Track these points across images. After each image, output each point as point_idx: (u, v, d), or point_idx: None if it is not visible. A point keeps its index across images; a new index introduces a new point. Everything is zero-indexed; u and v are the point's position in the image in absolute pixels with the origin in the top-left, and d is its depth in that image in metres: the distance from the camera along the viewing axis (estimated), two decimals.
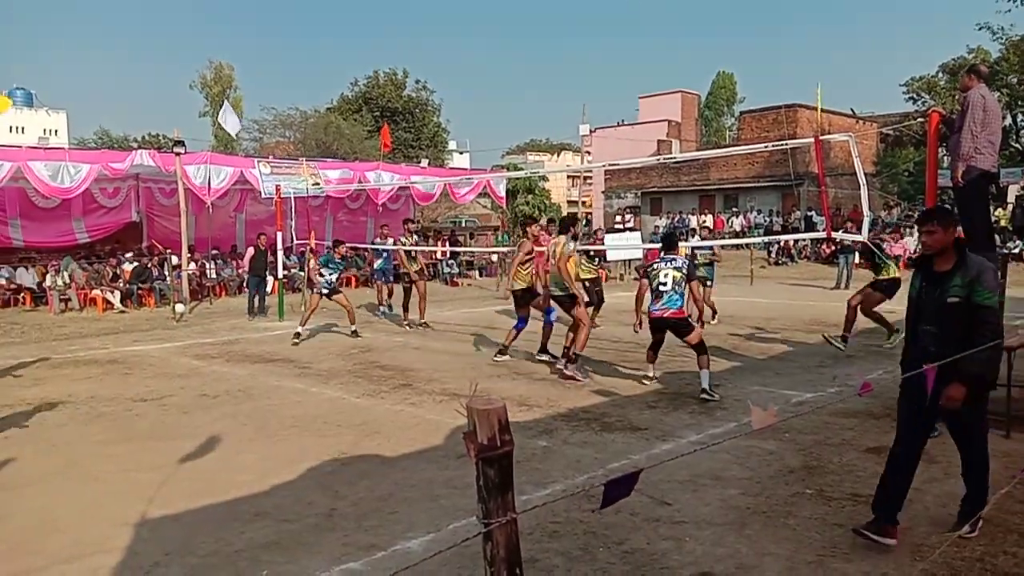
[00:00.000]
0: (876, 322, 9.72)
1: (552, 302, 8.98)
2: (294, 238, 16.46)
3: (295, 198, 15.64)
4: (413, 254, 13.31)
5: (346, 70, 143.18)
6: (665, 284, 7.42)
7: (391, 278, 15.60)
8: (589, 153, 44.76)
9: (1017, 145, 29.36)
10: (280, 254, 15.47)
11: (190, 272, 17.08)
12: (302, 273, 19.01)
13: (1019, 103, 27.56)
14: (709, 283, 14.76)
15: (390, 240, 14.80)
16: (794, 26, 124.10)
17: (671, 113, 44.04)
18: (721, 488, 4.84)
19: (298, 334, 11.46)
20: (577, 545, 3.98)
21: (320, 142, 31.70)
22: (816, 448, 5.62)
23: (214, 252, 19.47)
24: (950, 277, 3.89)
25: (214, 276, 19.06)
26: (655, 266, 7.63)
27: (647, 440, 5.93)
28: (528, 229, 9.87)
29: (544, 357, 9.33)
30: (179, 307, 15.09)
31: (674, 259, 7.57)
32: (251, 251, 15.69)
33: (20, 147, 17.51)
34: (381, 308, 15.30)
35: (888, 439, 5.73)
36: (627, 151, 39.07)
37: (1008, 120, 29.07)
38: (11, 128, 78.51)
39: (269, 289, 16.93)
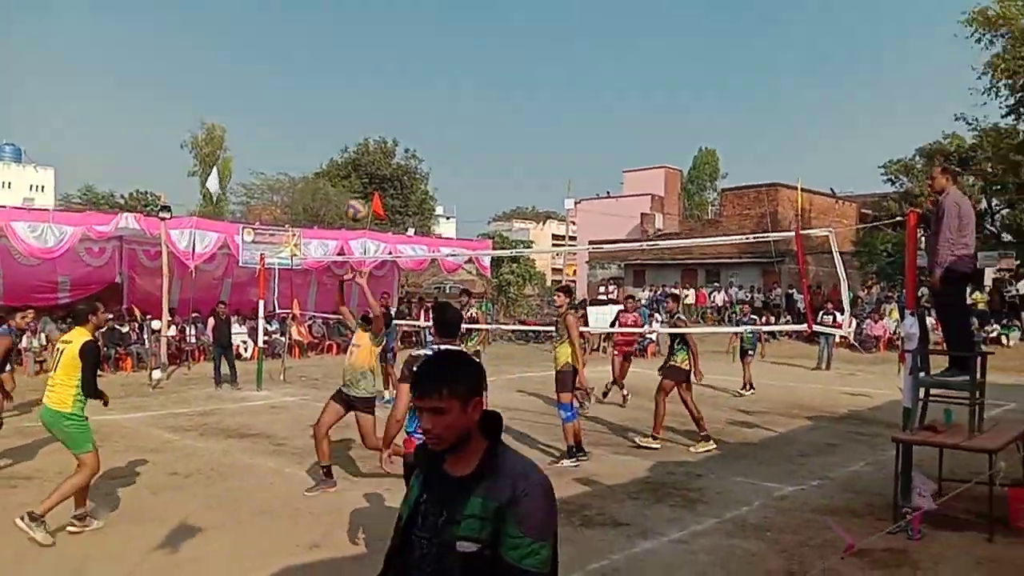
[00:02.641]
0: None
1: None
2: (276, 305, 16.41)
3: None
4: (472, 332, 11.33)
5: (336, 137, 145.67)
6: None
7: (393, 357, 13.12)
8: (574, 223, 45.33)
9: (992, 228, 30.03)
10: (261, 321, 15.40)
11: (170, 336, 16.90)
12: (283, 339, 18.92)
13: (993, 188, 28.31)
14: (750, 353, 14.56)
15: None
16: (776, 105, 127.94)
17: (654, 187, 44.82)
18: None
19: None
20: None
21: (307, 207, 31.90)
22: (798, 550, 5.53)
23: (195, 315, 19.32)
24: (465, 494, 2.02)
25: (194, 340, 18.87)
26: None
27: (627, 537, 5.81)
28: (560, 299, 8.51)
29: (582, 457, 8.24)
30: (156, 373, 14.88)
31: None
32: (212, 321, 15.43)
33: (4, 207, 17.46)
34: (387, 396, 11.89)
35: (870, 540, 5.68)
36: (611, 223, 39.64)
37: (983, 204, 29.80)
38: None
39: (249, 355, 16.80)
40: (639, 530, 5.98)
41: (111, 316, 17.97)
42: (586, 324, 22.44)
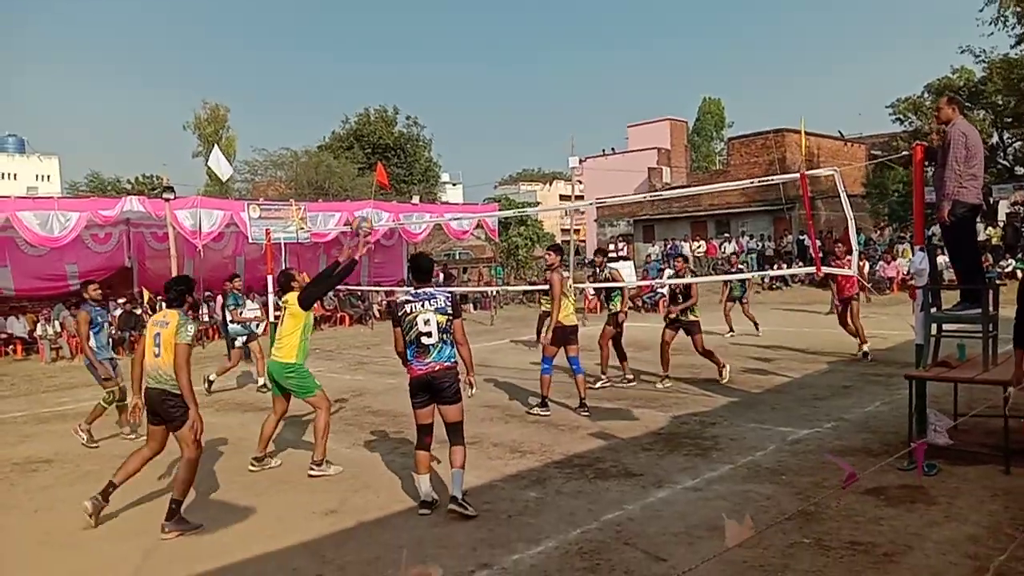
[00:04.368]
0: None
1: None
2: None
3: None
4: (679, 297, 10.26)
5: (337, 108, 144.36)
6: (429, 334, 5.44)
7: None
8: (581, 183, 44.97)
9: (1005, 162, 29.56)
10: (271, 296, 15.42)
11: None
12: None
13: (1004, 121, 27.79)
14: (745, 300, 15.11)
15: (440, 276, 14.82)
16: (780, 49, 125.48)
17: (660, 141, 44.31)
18: (717, 540, 4.72)
19: None
20: None
21: (311, 181, 31.80)
22: (813, 491, 5.52)
23: (207, 294, 19.41)
24: None
25: (207, 319, 18.98)
26: (407, 308, 5.52)
27: (642, 488, 5.81)
28: (549, 257, 8.95)
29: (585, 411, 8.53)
30: None
31: (432, 295, 5.56)
32: (220, 299, 15.45)
33: (9, 197, 17.49)
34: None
35: (887, 478, 5.68)
36: (618, 179, 39.28)
37: (995, 138, 29.28)
38: (3, 175, 78.79)
39: (260, 330, 16.79)
40: (653, 480, 5.98)
41: (122, 299, 18.11)
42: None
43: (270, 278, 15.08)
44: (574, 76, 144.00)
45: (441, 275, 16.23)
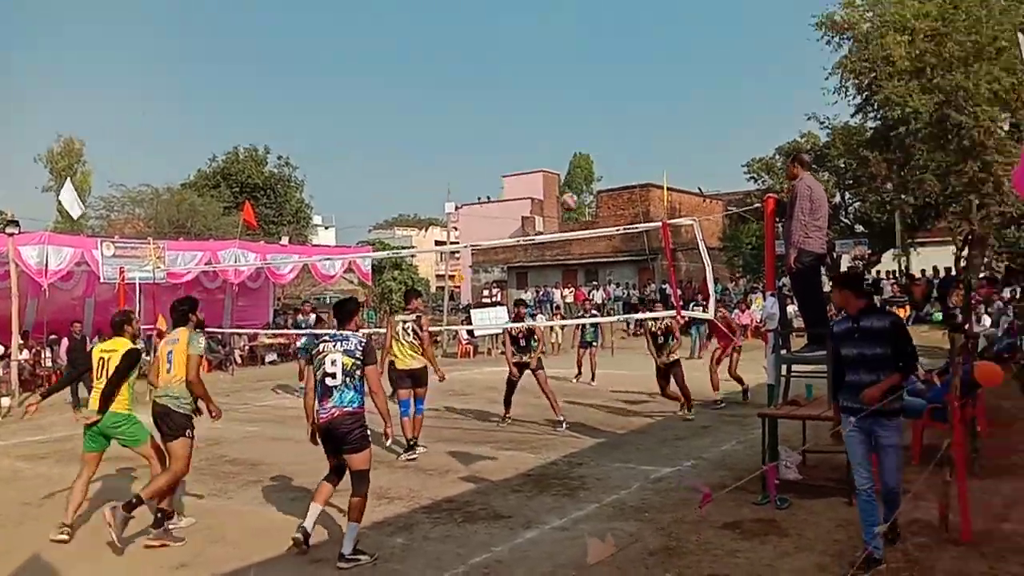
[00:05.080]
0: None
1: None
2: (140, 322, 15.47)
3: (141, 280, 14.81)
4: (525, 339, 10.49)
5: (202, 147, 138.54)
6: (333, 376, 5.31)
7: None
8: (456, 229, 45.29)
9: (847, 220, 32.14)
10: None
11: (22, 360, 15.65)
12: (148, 358, 17.80)
13: (845, 183, 30.28)
14: (594, 345, 15.48)
15: (312, 316, 14.87)
16: (645, 110, 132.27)
17: (533, 191, 45.44)
18: None
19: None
20: None
21: (173, 219, 30.31)
22: (675, 527, 5.68)
23: (52, 337, 17.98)
24: None
25: (50, 364, 17.55)
26: (320, 347, 5.49)
27: (511, 529, 5.79)
28: (415, 303, 9.17)
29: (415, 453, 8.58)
30: (4, 400, 13.72)
31: (345, 338, 5.47)
32: (66, 342, 14.38)
33: None
34: (299, 385, 14.29)
35: (742, 513, 5.94)
36: (492, 227, 39.86)
37: (837, 198, 31.86)
38: None
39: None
40: (522, 521, 5.98)
41: None
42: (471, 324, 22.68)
43: None
44: (451, 125, 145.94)
45: (312, 315, 15.93)
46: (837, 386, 5.03)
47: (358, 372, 5.34)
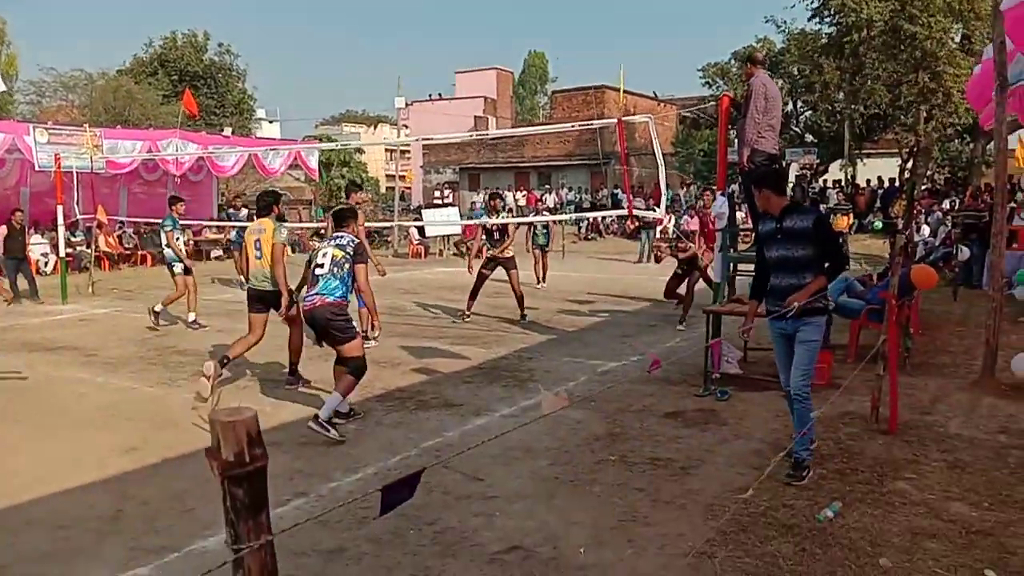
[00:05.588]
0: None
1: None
2: (78, 212, 14.96)
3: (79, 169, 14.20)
4: (500, 232, 10.57)
5: (138, 31, 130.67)
6: (321, 266, 5.68)
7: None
8: (407, 127, 44.21)
9: (797, 129, 32.30)
10: (61, 230, 14.04)
11: None
12: (88, 250, 17.30)
13: (799, 91, 30.26)
14: (548, 249, 15.35)
15: (244, 211, 14.24)
16: (600, 14, 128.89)
17: (487, 90, 44.44)
18: (531, 460, 4.94)
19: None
20: (387, 529, 3.88)
21: (109, 107, 28.82)
22: (619, 415, 5.89)
23: None
24: None
25: None
26: (319, 246, 6.09)
27: (461, 416, 5.94)
28: (353, 197, 9.14)
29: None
30: None
31: (340, 237, 5.83)
32: (3, 230, 13.77)
33: None
34: (240, 279, 13.65)
35: (685, 403, 6.18)
36: (444, 126, 38.98)
37: (789, 106, 31.90)
38: None
39: (51, 268, 15.51)
40: (472, 409, 6.12)
41: None
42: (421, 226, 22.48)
43: (60, 209, 13.72)
44: (402, 17, 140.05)
45: (244, 210, 15.47)
46: (760, 286, 4.86)
47: (347, 265, 5.68)
